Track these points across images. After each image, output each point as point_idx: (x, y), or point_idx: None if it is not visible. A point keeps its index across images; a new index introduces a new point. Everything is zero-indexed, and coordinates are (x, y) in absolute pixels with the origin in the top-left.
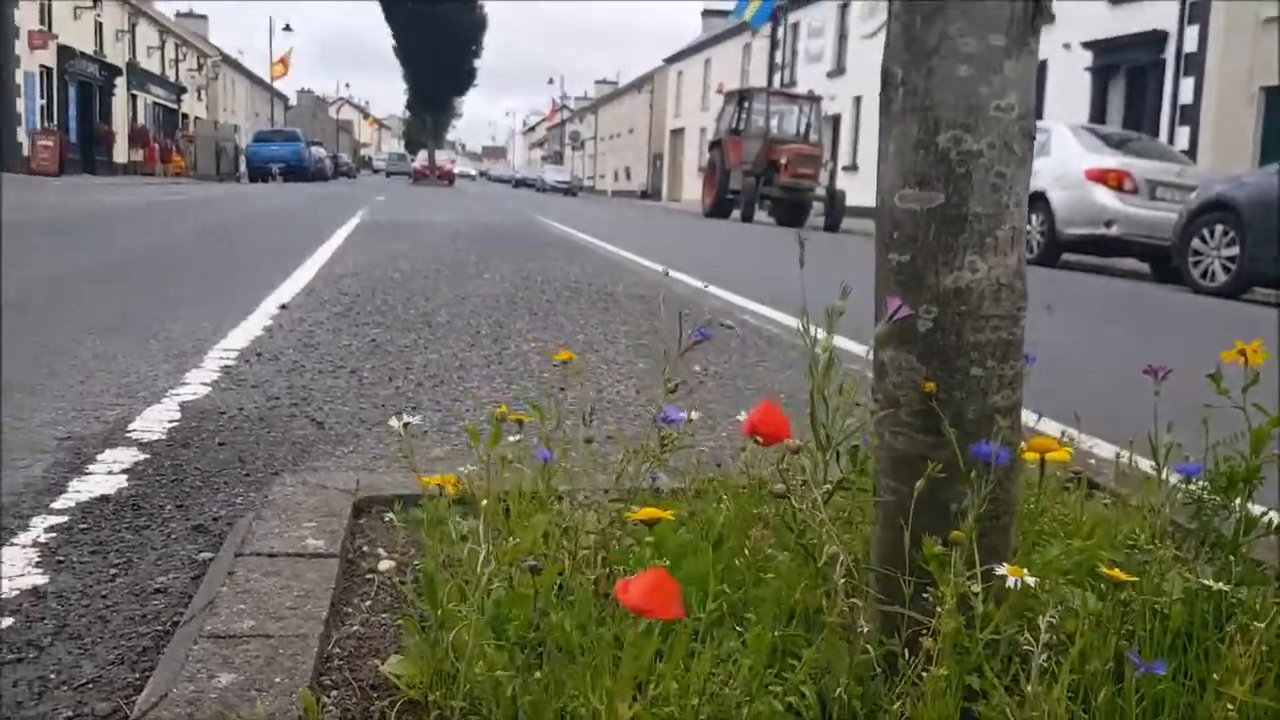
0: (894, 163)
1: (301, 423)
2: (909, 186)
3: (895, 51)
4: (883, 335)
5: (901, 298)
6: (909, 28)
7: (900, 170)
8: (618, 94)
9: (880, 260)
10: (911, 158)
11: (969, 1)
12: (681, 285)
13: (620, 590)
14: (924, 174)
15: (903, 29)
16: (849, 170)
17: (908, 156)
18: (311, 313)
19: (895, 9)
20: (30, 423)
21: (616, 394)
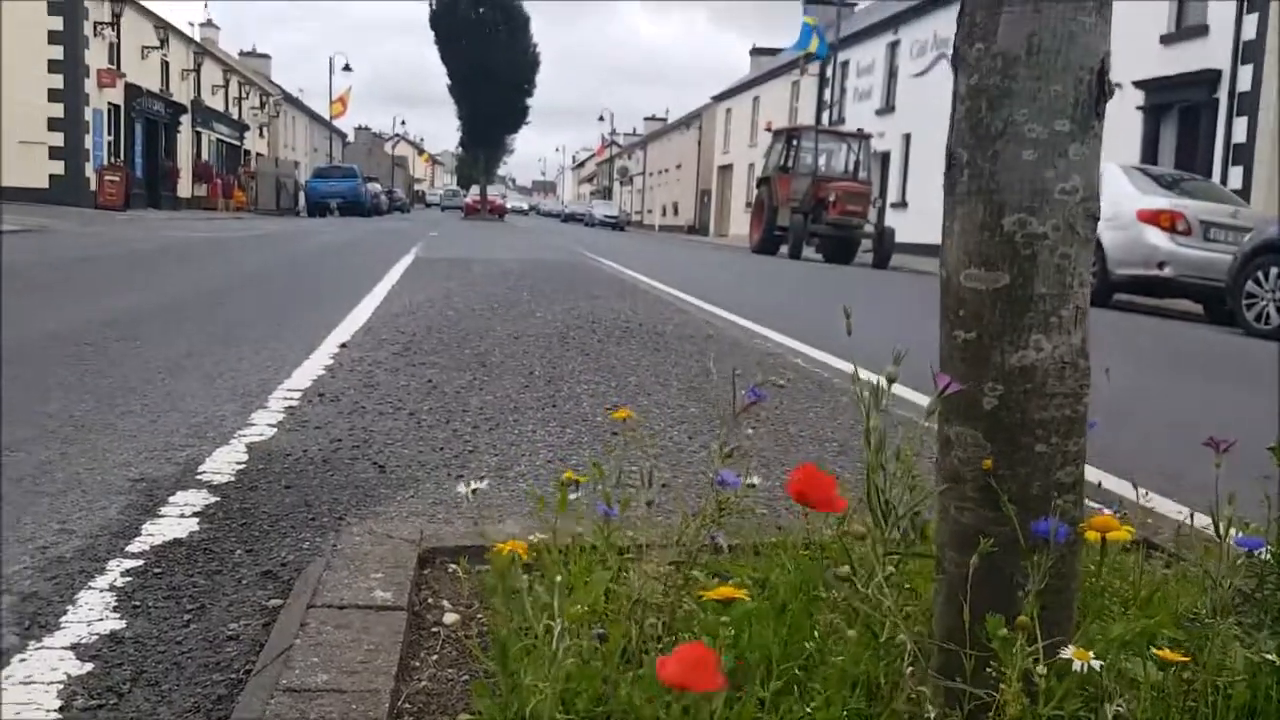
0: (959, 242)
1: (363, 466)
2: (974, 266)
3: (960, 134)
4: (937, 410)
5: (967, 374)
6: (974, 112)
7: (966, 250)
8: (666, 130)
9: (945, 336)
10: (977, 238)
11: (1035, 87)
12: (731, 326)
13: (660, 667)
14: (989, 255)
15: (968, 113)
16: (897, 207)
17: (973, 237)
18: (370, 352)
19: (960, 93)
20: (104, 464)
21: (670, 440)
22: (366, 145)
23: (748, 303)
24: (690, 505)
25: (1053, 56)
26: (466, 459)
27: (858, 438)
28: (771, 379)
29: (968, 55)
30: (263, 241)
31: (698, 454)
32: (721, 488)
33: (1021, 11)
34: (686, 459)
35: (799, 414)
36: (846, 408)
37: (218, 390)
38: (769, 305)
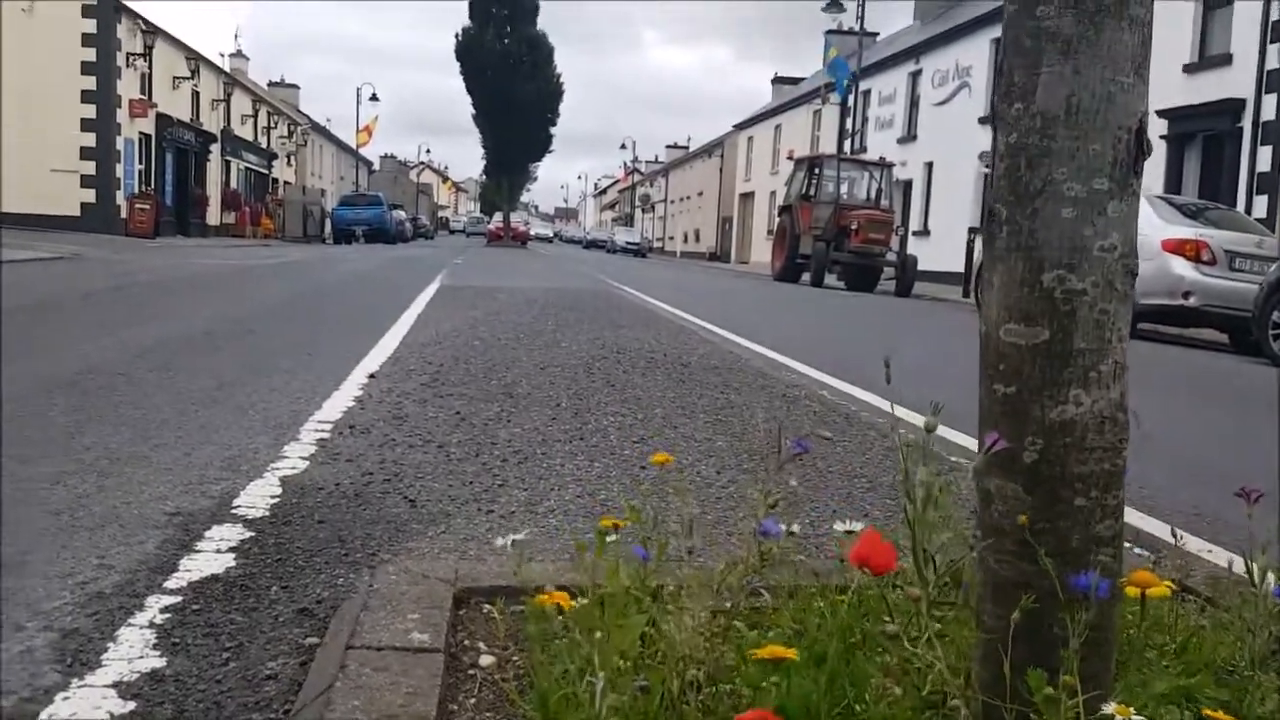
0: (999, 297)
1: (395, 500)
2: (1014, 322)
3: (1000, 192)
4: (984, 466)
5: (1007, 428)
6: (1014, 170)
7: (1005, 305)
8: (688, 158)
9: (985, 390)
10: (1017, 294)
11: (1074, 146)
12: (755, 356)
13: None
14: (1029, 311)
15: (1007, 170)
16: (920, 235)
17: (1013, 293)
18: (399, 383)
19: (999, 150)
20: (141, 497)
21: (698, 474)
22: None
23: (771, 332)
24: (720, 541)
25: (1091, 117)
26: (496, 493)
27: (887, 474)
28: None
29: (1006, 114)
30: (290, 269)
31: (726, 489)
32: (764, 538)
33: (1060, 72)
34: (715, 494)
35: (827, 448)
36: (874, 442)
37: (250, 422)
38: (792, 335)
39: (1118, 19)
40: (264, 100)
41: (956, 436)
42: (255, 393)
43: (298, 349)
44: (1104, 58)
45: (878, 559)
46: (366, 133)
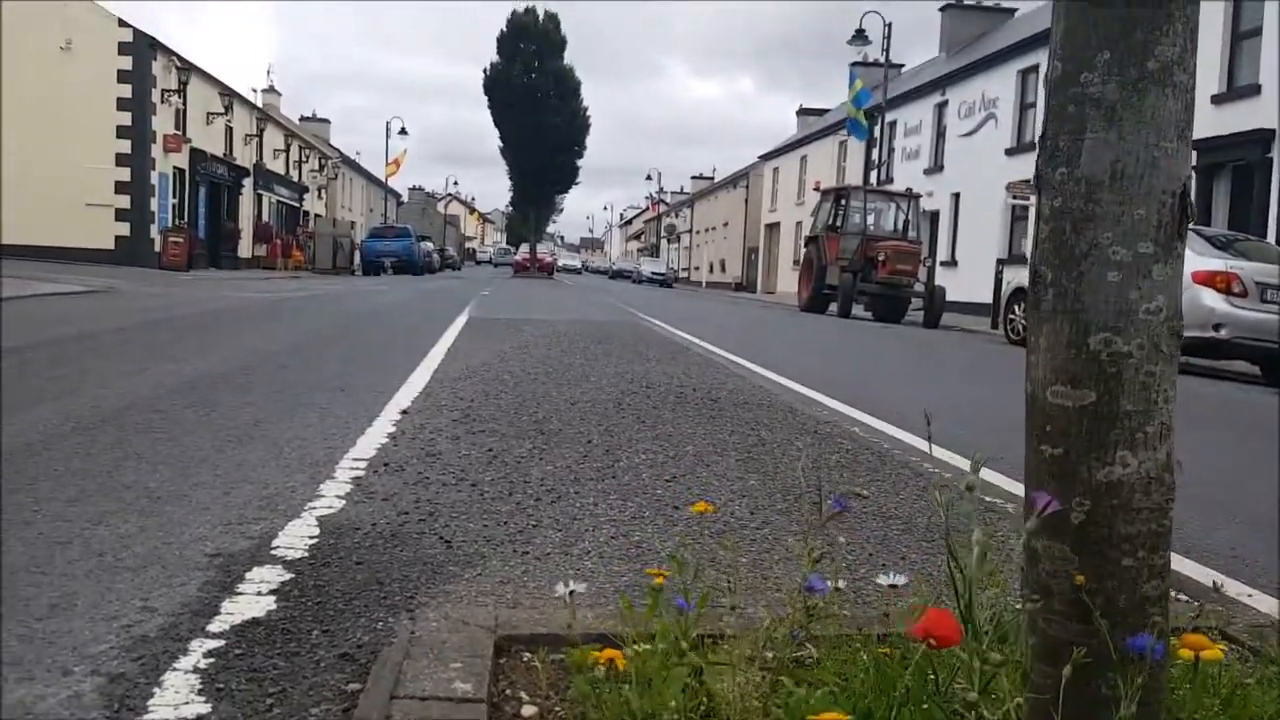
0: (1045, 358)
1: (431, 541)
2: (1061, 383)
3: (1045, 254)
4: (1035, 528)
5: (1054, 489)
6: (1059, 233)
7: (1052, 367)
8: (713, 189)
9: (1032, 451)
10: (1063, 356)
11: (1119, 211)
12: (785, 391)
13: None
14: (1076, 373)
15: (1052, 234)
16: (947, 265)
17: (1059, 354)
18: (431, 418)
19: (1044, 213)
20: (181, 538)
21: (731, 514)
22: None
23: (799, 365)
24: (756, 586)
25: (1136, 182)
26: (531, 534)
27: (922, 514)
28: (858, 491)
29: (1050, 178)
30: (321, 302)
31: (760, 530)
32: (810, 593)
33: (1105, 138)
34: (749, 536)
35: (861, 488)
36: (908, 481)
37: (286, 459)
38: (821, 368)
39: (1161, 86)
40: (296, 135)
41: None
42: (290, 429)
43: (330, 384)
44: (1148, 124)
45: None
46: (395, 165)
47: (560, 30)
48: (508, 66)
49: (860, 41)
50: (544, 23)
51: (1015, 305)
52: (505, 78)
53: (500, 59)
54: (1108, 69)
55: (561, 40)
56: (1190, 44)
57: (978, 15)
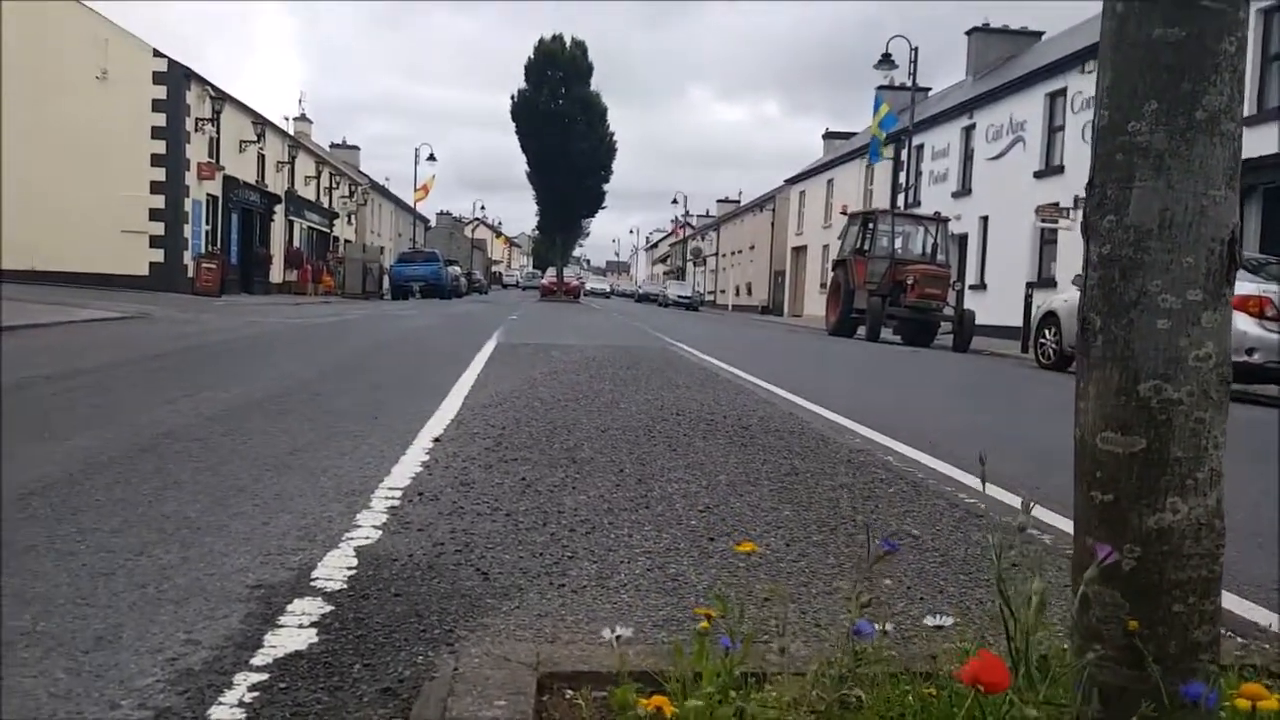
0: (1095, 405)
1: (468, 572)
2: (1111, 430)
3: (1094, 301)
4: (1093, 576)
5: (1104, 535)
6: (1107, 280)
7: (1102, 414)
8: (739, 212)
9: (1081, 497)
10: (1113, 403)
11: (1167, 259)
12: (816, 418)
13: None
14: (1125, 420)
15: (1101, 281)
16: (976, 289)
17: (1109, 401)
18: (463, 447)
19: (1092, 260)
20: (223, 568)
21: (767, 547)
22: (447, 229)
23: (830, 391)
24: (793, 620)
25: (1184, 230)
26: (566, 566)
27: (958, 546)
28: (909, 530)
29: (1099, 226)
30: (351, 328)
31: (797, 563)
32: (858, 637)
33: (1154, 187)
34: (786, 569)
35: (896, 519)
36: (943, 512)
37: (323, 488)
38: (852, 394)
39: (1209, 135)
40: (326, 162)
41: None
42: (326, 458)
43: (364, 411)
44: (1196, 172)
45: (990, 678)
46: (424, 191)
47: (587, 57)
48: (535, 93)
49: (887, 66)
50: (571, 50)
51: (1046, 329)
52: (533, 104)
53: (528, 85)
54: (1155, 118)
55: (588, 66)
56: (1237, 93)
57: (1004, 38)
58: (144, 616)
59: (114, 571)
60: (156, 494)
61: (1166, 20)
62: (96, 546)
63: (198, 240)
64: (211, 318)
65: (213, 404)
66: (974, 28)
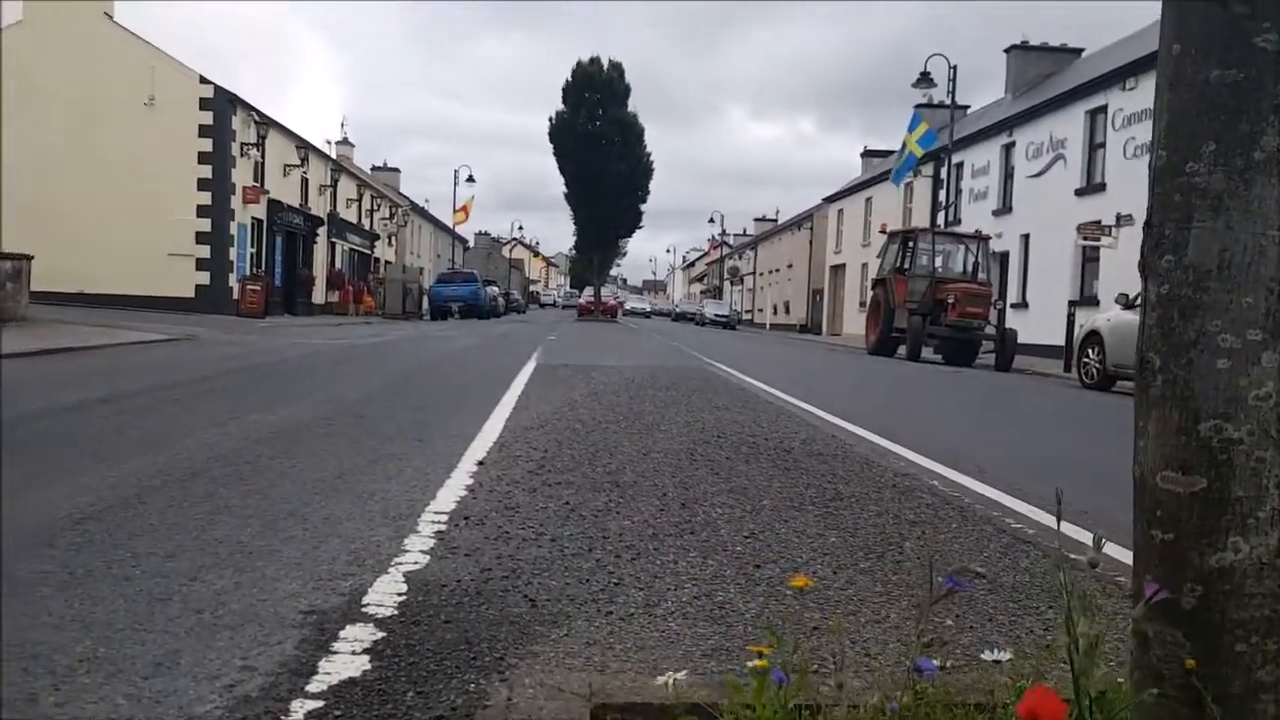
0: (1155, 444)
1: (515, 599)
2: (1171, 469)
3: (1153, 340)
4: (1144, 615)
5: (1165, 574)
6: (1166, 320)
7: (1162, 453)
8: (777, 230)
9: (1141, 535)
10: (1173, 442)
11: (1227, 300)
12: (859, 441)
13: None
14: (1186, 459)
15: (1159, 321)
16: (1017, 307)
17: (1169, 440)
18: (507, 470)
19: (1150, 300)
20: (275, 594)
21: (814, 574)
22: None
23: (872, 413)
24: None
25: (1244, 270)
26: (613, 593)
27: (1007, 573)
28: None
29: (1157, 265)
30: (393, 348)
31: (844, 591)
32: (919, 675)
33: (1212, 227)
34: (834, 596)
35: (943, 546)
36: (991, 538)
37: (370, 513)
38: (894, 416)
39: (1267, 175)
40: (368, 184)
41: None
42: (373, 481)
43: (408, 433)
44: (1254, 213)
45: (1048, 714)
46: (464, 212)
47: (624, 78)
48: (573, 115)
49: (925, 84)
50: (608, 71)
51: (1089, 349)
52: (570, 126)
53: (566, 107)
54: (1214, 159)
55: (625, 88)
56: None
57: (1044, 56)
58: (200, 642)
59: (170, 597)
60: (208, 518)
61: (1223, 62)
62: (152, 571)
63: (243, 263)
64: (256, 339)
65: (260, 426)
66: (1013, 45)
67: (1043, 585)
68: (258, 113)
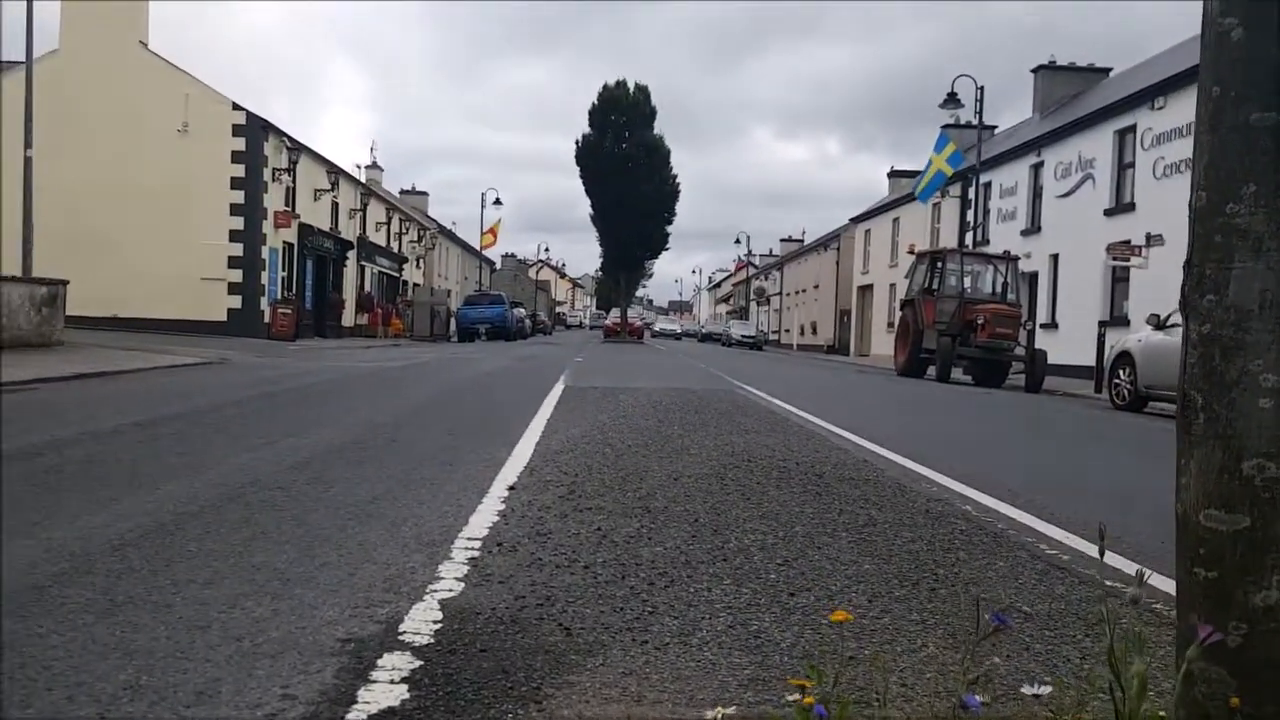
0: (1197, 482)
1: (550, 628)
2: (1214, 507)
3: (1194, 379)
4: (1196, 655)
5: (1208, 612)
6: (1208, 359)
7: (1204, 491)
8: (803, 251)
9: (1184, 573)
10: (1215, 481)
11: (1269, 339)
12: (890, 465)
13: None
14: (1229, 498)
15: (1201, 359)
16: (1047, 328)
17: (1211, 479)
18: (538, 495)
19: (1191, 339)
20: (313, 621)
21: (849, 603)
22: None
23: (903, 436)
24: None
25: None
26: (648, 621)
27: (1043, 600)
28: (1020, 607)
29: (1198, 305)
30: (421, 371)
31: (880, 619)
32: (964, 712)
33: (1253, 268)
34: (869, 625)
35: (978, 573)
36: (1025, 565)
37: (404, 538)
38: (925, 438)
39: None
40: (396, 208)
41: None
42: (405, 506)
43: (438, 458)
44: None
45: None
46: (491, 235)
47: (650, 101)
48: (599, 137)
49: (953, 105)
50: (634, 94)
51: (1120, 370)
52: (597, 148)
53: (592, 130)
54: (1254, 200)
55: (651, 111)
56: None
57: (1071, 76)
58: (241, 670)
59: (209, 625)
60: (245, 544)
61: (1264, 104)
62: (191, 599)
63: (274, 286)
64: (287, 362)
65: (293, 451)
66: (1040, 65)
67: (1079, 613)
68: (289, 138)
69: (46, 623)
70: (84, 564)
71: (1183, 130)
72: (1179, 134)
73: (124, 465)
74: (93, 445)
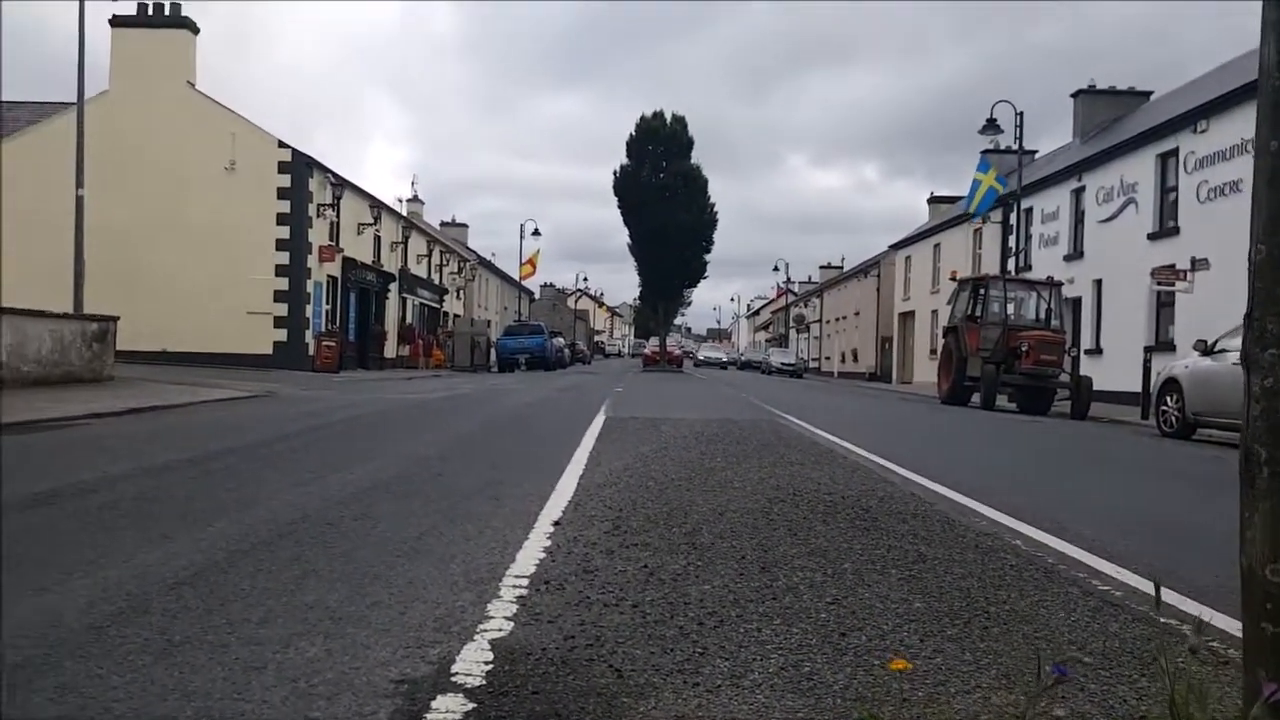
0: (1263, 535)
1: (600, 669)
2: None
3: (1257, 433)
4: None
5: (1277, 669)
6: (1271, 413)
7: (1271, 544)
8: (843, 278)
9: (1251, 627)
10: None
11: None
12: (939, 499)
13: None
14: None
15: (1264, 413)
16: (1091, 354)
17: (1278, 533)
18: (583, 530)
19: (1254, 393)
20: (367, 662)
21: (900, 642)
22: (551, 301)
23: (950, 467)
24: None
25: None
26: (699, 663)
27: (1095, 639)
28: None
29: (1260, 359)
30: (463, 403)
31: (932, 660)
32: None
33: None
34: (922, 665)
35: (1030, 610)
36: (1077, 601)
37: (453, 576)
38: (973, 470)
39: None
40: (437, 240)
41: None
42: (453, 543)
43: (484, 492)
44: None
45: None
46: (531, 265)
47: (687, 131)
48: (637, 168)
49: (992, 131)
50: (672, 125)
51: (1167, 396)
52: (635, 178)
53: (630, 160)
54: None
55: (689, 140)
56: None
57: (1112, 99)
58: (297, 712)
59: (264, 666)
60: (297, 582)
61: None
62: (246, 639)
63: (318, 319)
64: (332, 394)
65: (341, 486)
66: (1080, 90)
67: (1134, 652)
68: (333, 174)
69: (106, 664)
70: (140, 603)
71: (1225, 154)
72: (1222, 157)
73: (177, 501)
74: (145, 481)
